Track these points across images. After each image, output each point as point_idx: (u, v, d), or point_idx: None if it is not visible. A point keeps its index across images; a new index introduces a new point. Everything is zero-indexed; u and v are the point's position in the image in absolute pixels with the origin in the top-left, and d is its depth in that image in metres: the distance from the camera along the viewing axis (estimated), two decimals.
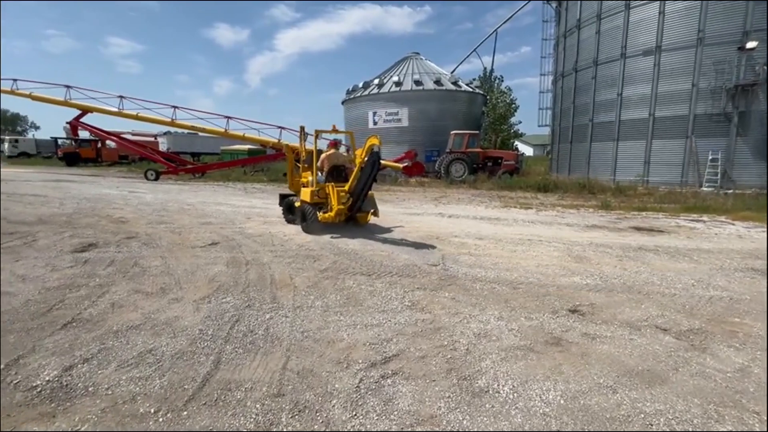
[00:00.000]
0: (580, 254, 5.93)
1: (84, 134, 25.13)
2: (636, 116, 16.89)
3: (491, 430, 2.15)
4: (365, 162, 6.62)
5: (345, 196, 6.86)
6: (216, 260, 5.26)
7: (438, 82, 24.70)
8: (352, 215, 7.32)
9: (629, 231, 7.91)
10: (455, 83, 25.58)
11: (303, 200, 7.44)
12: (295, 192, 8.35)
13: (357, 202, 6.99)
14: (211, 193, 13.82)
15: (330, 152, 7.67)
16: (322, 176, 7.49)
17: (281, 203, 8.51)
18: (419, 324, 3.45)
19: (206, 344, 3.02)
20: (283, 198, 8.53)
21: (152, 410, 2.25)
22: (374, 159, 6.56)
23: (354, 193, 6.89)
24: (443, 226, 8.11)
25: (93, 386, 2.47)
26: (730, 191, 13.49)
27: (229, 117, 19.50)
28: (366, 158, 6.60)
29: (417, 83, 24.53)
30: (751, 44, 13.91)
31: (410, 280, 4.61)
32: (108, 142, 28.60)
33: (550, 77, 23.73)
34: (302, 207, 7.36)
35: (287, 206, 8.23)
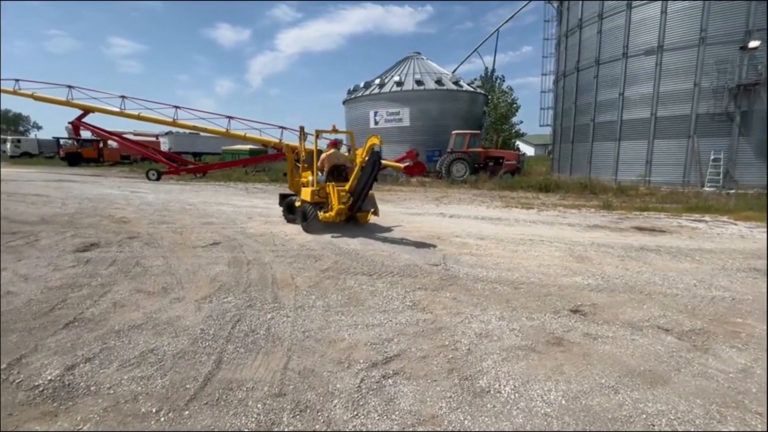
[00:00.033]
0: (582, 254, 5.92)
1: (86, 134, 25.26)
2: (638, 116, 16.84)
3: (493, 431, 2.15)
4: (366, 161, 6.64)
5: (345, 196, 6.88)
6: (217, 260, 5.27)
7: (439, 82, 24.66)
8: (353, 214, 7.34)
9: (631, 231, 7.90)
10: (456, 83, 25.53)
11: (304, 200, 7.46)
12: (295, 192, 8.37)
13: (357, 202, 7.01)
14: (213, 193, 13.84)
15: (330, 152, 7.68)
16: (323, 176, 7.50)
17: (281, 203, 8.54)
18: (420, 324, 3.45)
19: (208, 344, 3.03)
20: (283, 198, 8.56)
21: (154, 410, 2.25)
22: (375, 158, 6.59)
23: (354, 193, 6.91)
24: (444, 226, 8.11)
25: (95, 385, 2.47)
26: (733, 191, 13.44)
27: (231, 117, 19.55)
28: (367, 158, 6.62)
29: (418, 83, 24.51)
30: (754, 43, 13.85)
31: (411, 280, 4.61)
32: (110, 142, 28.64)
33: (552, 77, 23.69)
34: (303, 206, 7.37)
35: (287, 206, 8.26)
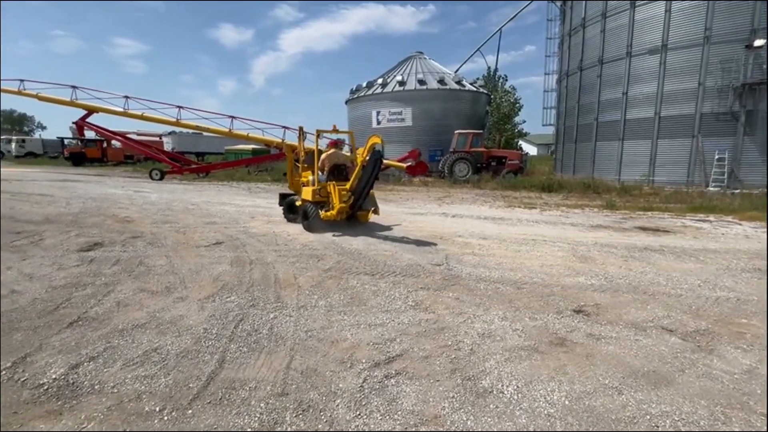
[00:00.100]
0: (585, 254, 5.90)
1: (90, 134, 25.39)
2: (641, 115, 16.76)
3: (495, 431, 2.15)
4: (367, 161, 6.65)
5: (347, 194, 6.90)
6: (220, 259, 5.29)
7: (442, 82, 24.62)
8: (353, 213, 7.36)
9: (634, 231, 7.86)
10: (459, 82, 25.48)
11: (304, 199, 7.48)
12: (295, 191, 8.39)
13: (358, 201, 7.04)
14: (216, 193, 13.88)
15: (330, 152, 7.70)
16: (323, 175, 7.52)
17: (281, 203, 8.58)
18: (423, 324, 3.45)
19: (211, 343, 3.04)
20: (284, 197, 8.60)
21: (157, 409, 2.26)
22: (376, 158, 6.62)
23: (356, 192, 6.93)
24: (447, 226, 8.10)
25: (99, 384, 2.48)
26: (737, 191, 13.35)
27: (234, 117, 19.64)
28: (368, 157, 6.64)
29: (421, 83, 24.47)
30: (759, 42, 13.76)
31: (414, 280, 4.60)
32: (113, 142, 28.73)
33: (555, 76, 23.64)
34: (304, 205, 7.40)
35: (288, 205, 8.29)
